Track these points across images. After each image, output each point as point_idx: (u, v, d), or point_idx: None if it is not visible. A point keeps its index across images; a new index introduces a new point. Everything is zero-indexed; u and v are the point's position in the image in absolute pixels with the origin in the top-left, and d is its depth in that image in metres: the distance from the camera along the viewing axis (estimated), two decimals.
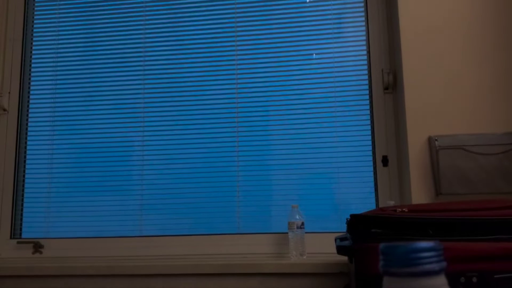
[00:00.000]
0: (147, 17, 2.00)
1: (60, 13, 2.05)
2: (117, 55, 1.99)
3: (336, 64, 1.86)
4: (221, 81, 1.92)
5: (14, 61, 2.04)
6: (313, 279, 1.56)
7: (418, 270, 0.39)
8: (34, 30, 2.07)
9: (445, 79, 1.61)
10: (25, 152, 1.99)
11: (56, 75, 2.01)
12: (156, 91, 1.95)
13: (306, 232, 1.67)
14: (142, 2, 2.01)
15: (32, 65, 2.04)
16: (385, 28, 1.85)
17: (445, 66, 1.62)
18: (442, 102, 1.60)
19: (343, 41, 1.87)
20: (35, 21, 2.07)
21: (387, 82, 1.78)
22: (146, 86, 1.95)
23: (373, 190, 1.77)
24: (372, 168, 1.78)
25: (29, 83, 2.03)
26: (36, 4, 2.08)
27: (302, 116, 1.85)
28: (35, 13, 2.08)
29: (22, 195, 1.96)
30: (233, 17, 1.95)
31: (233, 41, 1.93)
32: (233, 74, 1.91)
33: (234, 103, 1.89)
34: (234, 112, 1.89)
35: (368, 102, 1.83)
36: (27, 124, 2.01)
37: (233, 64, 1.92)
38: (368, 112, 1.82)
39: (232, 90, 1.90)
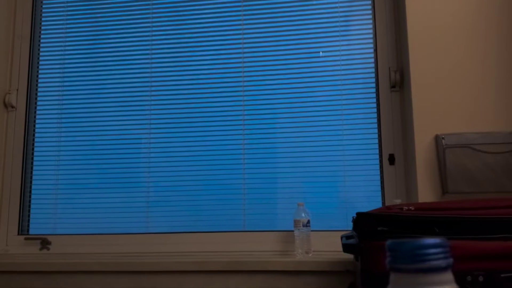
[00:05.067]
0: (154, 15, 2.00)
1: (67, 11, 2.06)
2: (124, 53, 2.00)
3: (343, 62, 1.86)
4: (228, 79, 1.92)
5: (22, 58, 2.05)
6: (318, 277, 1.56)
7: (425, 266, 0.40)
8: (42, 27, 2.08)
9: (452, 78, 1.61)
10: (32, 149, 2.00)
11: (64, 72, 2.03)
12: (163, 88, 1.95)
13: (312, 230, 1.67)
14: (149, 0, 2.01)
15: (40, 63, 2.05)
16: (392, 26, 1.84)
17: (452, 65, 1.61)
18: (449, 101, 1.60)
19: (350, 39, 1.87)
20: (43, 19, 2.09)
21: (394, 80, 1.78)
22: (153, 83, 1.96)
23: (379, 188, 1.77)
24: (378, 167, 1.78)
25: (37, 81, 2.05)
26: (43, 2, 2.09)
27: (309, 114, 1.85)
28: (43, 10, 2.09)
29: (30, 192, 1.97)
30: (240, 15, 1.95)
31: (240, 39, 1.93)
32: (240, 72, 1.91)
33: (241, 101, 1.90)
34: (241, 110, 1.89)
35: (375, 100, 1.82)
36: (34, 121, 2.02)
37: (240, 62, 1.92)
38: (375, 110, 1.82)
39: (239, 88, 1.91)
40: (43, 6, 2.09)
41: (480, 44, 1.61)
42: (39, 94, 2.03)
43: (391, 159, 1.76)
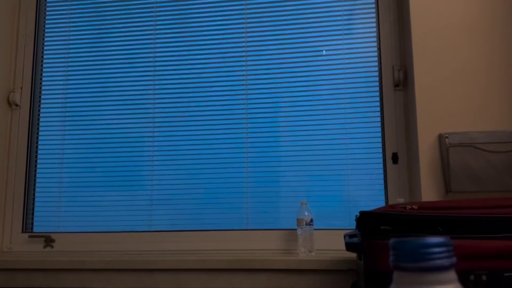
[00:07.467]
0: (158, 13, 2.00)
1: (71, 10, 2.07)
2: (127, 51, 2.00)
3: (346, 61, 1.86)
4: (231, 77, 1.92)
5: (26, 57, 2.06)
6: (321, 276, 1.57)
7: (428, 265, 0.40)
8: (46, 26, 2.08)
9: (456, 77, 1.60)
10: (36, 147, 2.01)
11: (68, 70, 2.03)
12: (166, 87, 1.96)
13: (314, 229, 1.67)
14: None
15: (44, 61, 2.06)
16: (396, 25, 1.84)
17: (456, 64, 1.61)
18: (453, 100, 1.59)
19: (354, 37, 1.87)
20: (47, 17, 2.09)
21: (398, 79, 1.78)
22: (157, 82, 1.96)
23: (382, 187, 1.77)
24: (381, 165, 1.78)
25: (41, 79, 2.05)
26: (48, 0, 2.10)
27: (312, 113, 1.85)
28: (47, 9, 2.10)
29: (34, 190, 1.98)
30: (243, 13, 1.95)
31: (243, 37, 1.93)
32: (243, 70, 1.91)
33: (244, 99, 1.90)
34: (244, 109, 1.89)
35: (378, 99, 1.82)
36: (38, 119, 2.02)
37: (243, 61, 1.92)
38: (378, 109, 1.81)
39: (242, 86, 1.91)
40: (47, 4, 2.10)
41: (484, 42, 1.61)
42: (43, 92, 2.04)
43: (395, 158, 1.76)
